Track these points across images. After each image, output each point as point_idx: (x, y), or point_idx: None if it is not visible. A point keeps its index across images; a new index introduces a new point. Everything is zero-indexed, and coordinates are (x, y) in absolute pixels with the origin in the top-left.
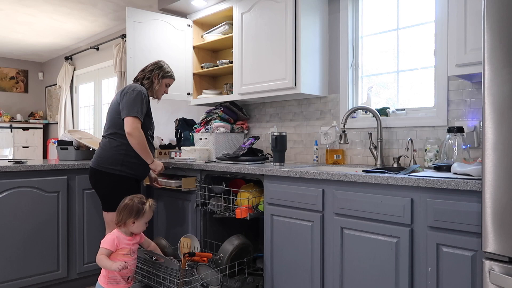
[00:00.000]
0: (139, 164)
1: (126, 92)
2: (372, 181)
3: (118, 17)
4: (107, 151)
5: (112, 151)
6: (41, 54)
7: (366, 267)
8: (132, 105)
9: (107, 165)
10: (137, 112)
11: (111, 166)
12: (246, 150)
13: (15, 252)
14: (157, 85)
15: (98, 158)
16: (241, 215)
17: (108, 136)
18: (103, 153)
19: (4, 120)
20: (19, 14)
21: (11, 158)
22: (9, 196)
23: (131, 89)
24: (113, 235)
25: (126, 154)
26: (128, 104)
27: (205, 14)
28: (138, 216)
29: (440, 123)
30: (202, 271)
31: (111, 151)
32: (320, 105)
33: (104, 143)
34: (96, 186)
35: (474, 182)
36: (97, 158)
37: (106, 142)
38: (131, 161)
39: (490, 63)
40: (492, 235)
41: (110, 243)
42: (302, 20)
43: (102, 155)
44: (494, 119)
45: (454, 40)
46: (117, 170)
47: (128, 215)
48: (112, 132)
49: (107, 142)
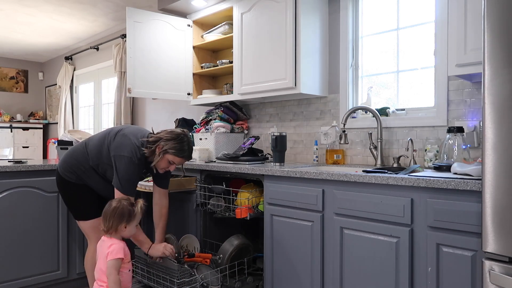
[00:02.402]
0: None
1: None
2: (372, 181)
3: (118, 17)
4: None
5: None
6: (41, 54)
7: (366, 267)
8: (127, 181)
9: (66, 172)
10: (130, 192)
11: (68, 173)
12: (246, 150)
13: (15, 252)
14: (156, 159)
15: (62, 163)
16: (241, 215)
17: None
18: (66, 158)
19: (4, 120)
20: (19, 14)
21: (11, 158)
22: (9, 196)
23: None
24: (120, 243)
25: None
26: (123, 178)
27: (205, 14)
28: (130, 219)
29: (440, 123)
30: (202, 271)
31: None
32: (320, 105)
33: (73, 148)
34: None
35: (474, 182)
36: (61, 162)
37: (74, 149)
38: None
39: (490, 63)
40: (492, 235)
41: (121, 252)
42: (302, 20)
43: (64, 160)
44: (494, 119)
45: (454, 40)
46: (72, 178)
47: (120, 220)
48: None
49: (74, 149)
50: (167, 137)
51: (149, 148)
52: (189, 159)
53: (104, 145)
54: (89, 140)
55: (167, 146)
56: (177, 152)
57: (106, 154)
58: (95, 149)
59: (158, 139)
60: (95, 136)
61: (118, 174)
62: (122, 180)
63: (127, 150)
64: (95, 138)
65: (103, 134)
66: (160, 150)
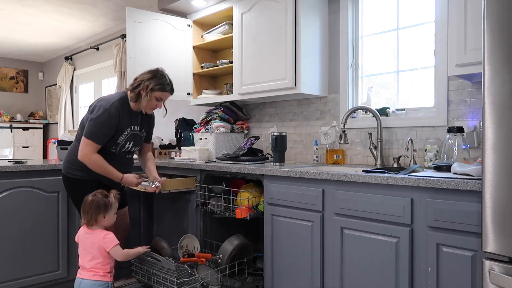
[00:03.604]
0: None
1: (95, 105)
2: (372, 181)
3: (118, 17)
4: (69, 155)
5: (72, 156)
6: (41, 54)
7: (366, 267)
8: (92, 126)
9: (69, 170)
10: (95, 136)
11: (72, 171)
12: (246, 150)
13: (15, 252)
14: (144, 99)
15: (64, 163)
16: (241, 215)
17: (74, 141)
18: (67, 157)
19: (4, 120)
20: (19, 14)
21: (11, 158)
22: (9, 196)
23: (100, 104)
24: (109, 233)
25: None
26: (90, 123)
27: (205, 14)
28: (107, 209)
29: (440, 123)
30: (202, 271)
31: (72, 156)
32: (320, 105)
33: (70, 147)
34: (67, 192)
35: (474, 182)
36: (63, 163)
37: (71, 146)
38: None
39: (490, 63)
40: (492, 235)
41: (115, 239)
42: (302, 20)
43: (66, 159)
44: (494, 119)
45: (454, 40)
46: (78, 175)
47: (97, 211)
48: (78, 137)
49: (71, 146)
50: (147, 77)
51: (135, 92)
52: (173, 92)
53: (85, 120)
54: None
55: (152, 84)
56: (162, 87)
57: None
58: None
59: (140, 81)
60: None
61: (88, 121)
62: (89, 126)
63: (102, 104)
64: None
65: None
66: (145, 90)
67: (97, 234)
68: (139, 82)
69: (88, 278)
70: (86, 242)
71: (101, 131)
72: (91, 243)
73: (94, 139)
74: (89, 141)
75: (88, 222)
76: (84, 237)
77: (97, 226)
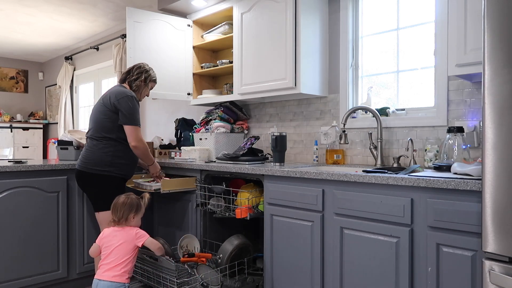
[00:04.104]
0: (127, 164)
1: (123, 97)
2: (372, 181)
3: (118, 17)
4: (94, 153)
5: (99, 153)
6: (41, 54)
7: (366, 267)
8: (133, 113)
9: (95, 167)
10: (138, 121)
11: (99, 167)
12: (246, 150)
13: (15, 252)
14: (143, 89)
15: (86, 160)
16: (241, 215)
17: (95, 139)
18: (90, 155)
19: (4, 120)
20: (19, 14)
21: (11, 158)
22: (9, 196)
23: (126, 94)
24: (139, 229)
25: (114, 156)
26: (129, 112)
27: (205, 14)
28: (137, 211)
29: (440, 123)
30: (202, 271)
31: (98, 153)
32: (320, 105)
33: (90, 145)
34: (85, 188)
35: (474, 182)
36: (84, 160)
37: (93, 145)
38: (119, 162)
39: (490, 63)
40: (492, 235)
41: (145, 233)
42: (302, 20)
43: (89, 157)
44: (494, 119)
45: (454, 40)
46: (105, 171)
47: (129, 210)
48: (100, 136)
49: (93, 145)
50: (144, 69)
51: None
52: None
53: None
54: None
55: (149, 77)
56: (155, 77)
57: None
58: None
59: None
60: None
61: (124, 111)
62: (129, 110)
63: (127, 94)
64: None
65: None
66: (144, 82)
67: (128, 230)
68: (137, 74)
69: (106, 279)
70: (113, 240)
71: (139, 116)
72: (120, 239)
73: (139, 124)
74: (136, 127)
75: (119, 220)
76: (111, 235)
77: (126, 224)
